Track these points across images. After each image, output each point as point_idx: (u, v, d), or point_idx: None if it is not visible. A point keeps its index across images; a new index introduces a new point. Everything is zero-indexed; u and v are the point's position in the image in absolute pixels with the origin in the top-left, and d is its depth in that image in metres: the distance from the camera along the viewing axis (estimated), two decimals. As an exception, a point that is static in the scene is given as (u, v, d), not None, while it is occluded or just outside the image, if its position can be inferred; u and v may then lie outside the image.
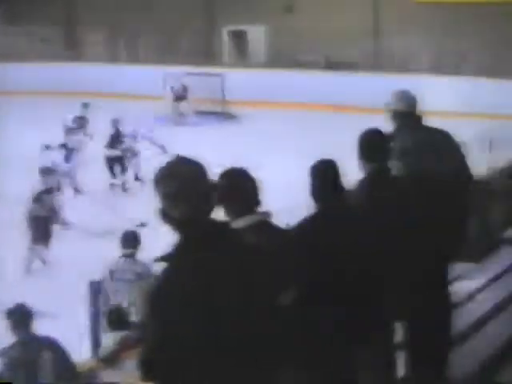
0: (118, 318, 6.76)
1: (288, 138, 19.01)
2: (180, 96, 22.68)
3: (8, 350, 5.72)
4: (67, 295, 6.71)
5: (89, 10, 28.82)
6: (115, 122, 16.50)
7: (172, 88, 22.84)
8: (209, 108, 22.90)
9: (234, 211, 3.33)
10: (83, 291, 7.46)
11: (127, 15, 27.72)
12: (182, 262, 2.56)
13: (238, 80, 23.22)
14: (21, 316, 5.83)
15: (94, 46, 29.07)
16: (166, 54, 26.41)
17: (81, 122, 17.27)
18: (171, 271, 2.57)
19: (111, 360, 6.16)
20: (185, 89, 22.69)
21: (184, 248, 2.58)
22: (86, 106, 18.39)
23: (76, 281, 8.53)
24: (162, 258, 2.60)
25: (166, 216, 2.60)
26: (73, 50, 29.55)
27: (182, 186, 2.58)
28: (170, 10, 27.20)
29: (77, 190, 15.41)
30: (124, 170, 16.19)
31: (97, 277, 7.51)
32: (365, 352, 3.85)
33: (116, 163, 16.11)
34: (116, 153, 16.13)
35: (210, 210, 2.64)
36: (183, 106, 22.64)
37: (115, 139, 16.22)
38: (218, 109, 23.10)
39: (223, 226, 2.75)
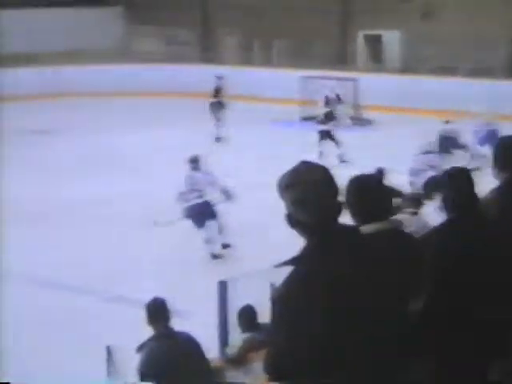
0: (248, 319, 6.82)
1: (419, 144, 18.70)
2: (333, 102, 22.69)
3: (145, 344, 5.80)
4: (198, 293, 6.82)
5: (225, 13, 29.32)
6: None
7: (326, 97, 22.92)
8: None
9: (363, 217, 3.29)
10: (214, 289, 7.55)
11: (262, 18, 28.02)
12: (311, 266, 2.56)
13: (372, 85, 23.06)
14: (159, 310, 5.89)
15: (230, 48, 29.55)
16: (299, 57, 26.52)
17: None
18: (300, 275, 2.57)
19: (238, 361, 6.20)
20: (338, 95, 22.66)
21: (313, 252, 2.58)
22: (219, 77, 20.70)
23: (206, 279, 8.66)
24: (289, 262, 2.61)
25: (294, 221, 2.61)
26: (209, 53, 30.12)
27: (310, 191, 2.58)
28: (305, 13, 27.31)
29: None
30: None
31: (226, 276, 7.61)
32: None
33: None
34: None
35: (338, 214, 2.63)
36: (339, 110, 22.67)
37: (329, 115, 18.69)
38: (351, 114, 22.99)
39: (352, 230, 2.73)
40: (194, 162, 11.92)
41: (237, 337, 6.78)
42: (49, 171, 16.98)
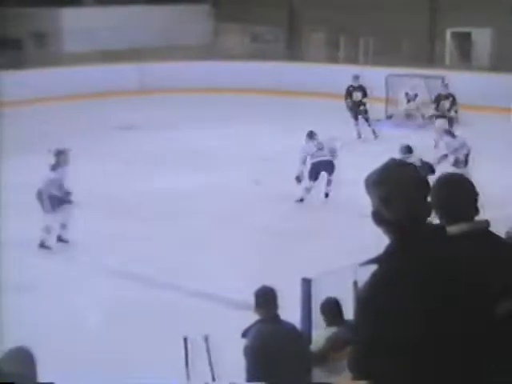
0: (332, 311, 6.82)
1: (507, 144, 18.44)
2: (411, 99, 22.54)
3: (252, 327, 5.96)
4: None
5: (311, 10, 29.29)
6: None
7: (406, 92, 22.76)
8: (430, 111, 22.56)
9: (450, 217, 3.26)
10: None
11: (349, 16, 27.88)
12: (395, 266, 2.55)
13: (461, 83, 22.67)
14: (268, 296, 6.07)
15: (316, 46, 29.50)
16: (386, 55, 26.28)
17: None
18: (384, 274, 2.56)
19: (321, 359, 6.21)
20: (416, 94, 22.52)
21: (398, 251, 2.57)
22: (356, 77, 20.65)
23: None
24: (373, 261, 2.60)
25: (381, 218, 2.60)
26: (294, 50, 30.13)
27: (399, 189, 2.57)
28: (392, 10, 27.06)
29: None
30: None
31: (311, 274, 7.60)
32: None
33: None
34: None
35: (427, 213, 2.62)
36: (413, 109, 22.49)
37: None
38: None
39: (440, 230, 2.71)
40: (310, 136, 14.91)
41: (320, 333, 6.77)
42: (132, 165, 17.20)
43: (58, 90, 25.51)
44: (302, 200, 14.50)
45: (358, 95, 20.49)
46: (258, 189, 14.99)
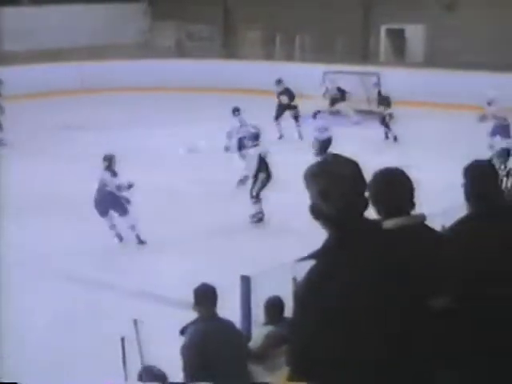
0: (274, 311, 6.83)
1: (444, 139, 18.72)
2: (335, 96, 22.59)
3: (189, 326, 5.92)
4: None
5: (246, 8, 29.33)
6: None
7: (327, 88, 22.82)
8: (365, 107, 22.78)
9: (387, 211, 3.26)
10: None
11: (284, 13, 27.98)
12: (334, 260, 2.54)
13: (395, 79, 22.93)
14: (207, 294, 6.06)
15: (251, 43, 29.54)
16: (322, 52, 26.44)
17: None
18: (322, 268, 2.55)
19: (259, 356, 6.20)
20: (340, 89, 22.59)
21: (336, 246, 2.56)
22: (279, 81, 20.74)
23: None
24: (311, 256, 2.59)
25: (318, 212, 2.59)
26: (229, 48, 30.13)
27: (337, 183, 2.56)
28: (327, 7, 27.24)
29: None
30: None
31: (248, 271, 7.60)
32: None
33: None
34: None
35: (363, 208, 2.61)
36: (340, 106, 22.56)
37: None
38: (374, 108, 22.88)
39: (376, 225, 2.71)
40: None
41: (259, 331, 6.76)
42: (76, 165, 16.99)
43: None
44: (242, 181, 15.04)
45: (284, 98, 20.57)
46: (201, 188, 14.97)
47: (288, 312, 7.24)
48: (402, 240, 2.83)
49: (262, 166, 13.40)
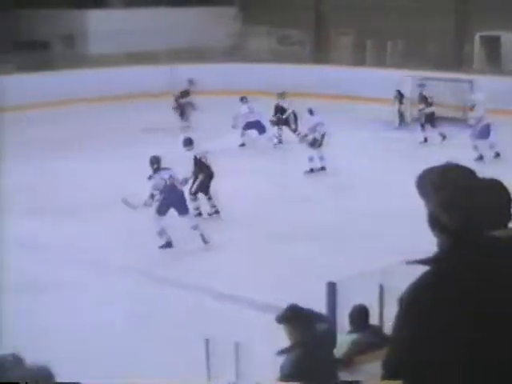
0: (360, 319, 6.73)
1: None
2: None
3: (288, 351, 5.81)
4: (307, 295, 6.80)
5: (338, 14, 29.22)
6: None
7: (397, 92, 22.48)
8: (457, 115, 22.40)
9: (488, 223, 3.14)
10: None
11: (376, 18, 27.77)
12: (447, 269, 2.47)
13: (489, 87, 22.48)
14: (300, 318, 5.90)
15: (343, 48, 29.42)
16: (414, 58, 26.13)
17: None
18: (435, 276, 2.48)
19: (345, 362, 6.12)
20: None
21: (451, 255, 2.48)
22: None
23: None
24: (423, 262, 2.52)
25: (436, 223, 2.52)
26: (321, 53, 30.05)
27: (460, 195, 2.48)
28: (421, 13, 26.91)
29: None
30: None
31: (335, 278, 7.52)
32: None
33: None
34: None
35: (483, 219, 2.53)
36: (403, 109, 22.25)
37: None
38: (465, 116, 22.47)
39: (495, 237, 2.62)
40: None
41: (343, 338, 6.68)
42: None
43: (84, 91, 25.57)
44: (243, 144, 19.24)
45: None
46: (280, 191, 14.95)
47: (373, 320, 7.15)
48: (506, 253, 2.72)
49: None
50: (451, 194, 2.50)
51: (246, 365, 6.72)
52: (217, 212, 14.01)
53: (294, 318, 5.86)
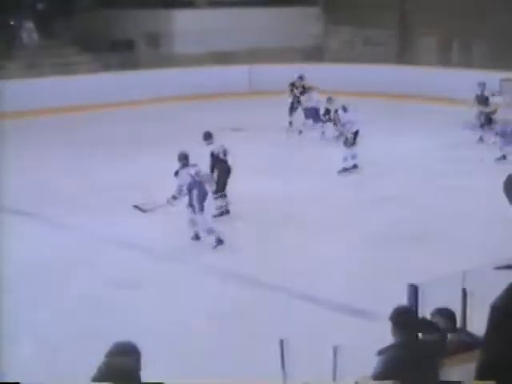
0: (441, 319, 6.58)
1: None
2: (482, 101, 21.64)
3: (387, 350, 5.72)
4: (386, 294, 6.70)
5: (423, 13, 28.82)
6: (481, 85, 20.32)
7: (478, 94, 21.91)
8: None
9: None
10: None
11: (461, 18, 27.30)
12: None
13: None
14: (405, 319, 5.79)
15: (428, 49, 29.03)
16: (502, 59, 25.57)
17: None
18: None
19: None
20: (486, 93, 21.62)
21: None
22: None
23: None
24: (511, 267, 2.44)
25: None
26: (405, 53, 29.70)
27: None
28: (507, 13, 26.34)
29: None
30: None
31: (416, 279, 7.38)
32: None
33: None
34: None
35: None
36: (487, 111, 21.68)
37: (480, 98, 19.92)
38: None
39: None
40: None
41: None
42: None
43: (170, 90, 25.84)
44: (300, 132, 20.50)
45: None
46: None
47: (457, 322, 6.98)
48: None
49: None
50: None
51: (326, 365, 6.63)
52: (227, 211, 13.87)
53: (400, 319, 5.76)
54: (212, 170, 13.66)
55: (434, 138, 20.40)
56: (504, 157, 17.70)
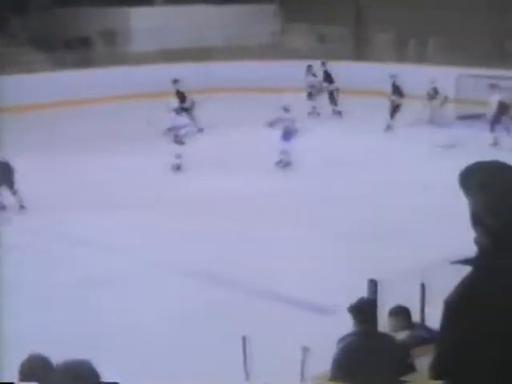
0: (400, 318, 6.65)
1: None
2: (432, 96, 21.90)
3: (345, 338, 5.76)
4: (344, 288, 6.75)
5: (378, 10, 29.02)
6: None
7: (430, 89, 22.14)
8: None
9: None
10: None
11: (417, 14, 27.53)
12: (490, 270, 2.40)
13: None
14: (366, 312, 5.84)
15: (383, 45, 29.22)
16: (456, 55, 25.84)
17: None
18: (478, 278, 2.41)
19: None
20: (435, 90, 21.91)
21: (495, 256, 2.40)
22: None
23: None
24: (465, 262, 2.46)
25: (479, 221, 2.43)
26: (361, 50, 29.86)
27: (504, 197, 2.39)
28: (463, 9, 26.64)
29: None
30: None
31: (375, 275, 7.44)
32: None
33: None
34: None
35: None
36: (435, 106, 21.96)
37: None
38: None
39: None
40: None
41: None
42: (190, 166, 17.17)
43: (125, 88, 25.68)
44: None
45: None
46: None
47: (416, 318, 7.06)
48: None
49: None
50: (497, 195, 2.40)
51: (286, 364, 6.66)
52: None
53: (361, 310, 5.82)
54: None
55: (392, 134, 20.58)
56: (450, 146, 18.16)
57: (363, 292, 7.21)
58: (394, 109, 21.19)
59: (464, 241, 2.64)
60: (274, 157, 17.18)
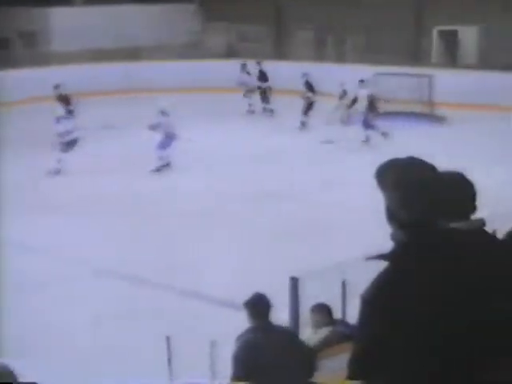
0: (323, 315, 6.76)
1: (496, 142, 18.48)
2: (342, 97, 22.26)
3: (243, 335, 5.82)
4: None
5: (298, 8, 29.25)
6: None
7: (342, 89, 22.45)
8: (415, 109, 22.50)
9: (450, 215, 3.17)
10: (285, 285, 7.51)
11: (336, 13, 27.85)
12: (405, 265, 2.48)
13: (447, 81, 22.70)
14: (261, 306, 5.89)
15: (303, 44, 29.46)
16: (373, 53, 26.25)
17: None
18: (394, 272, 2.48)
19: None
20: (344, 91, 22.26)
21: (409, 250, 2.49)
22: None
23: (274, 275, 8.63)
24: (381, 257, 2.52)
25: (393, 216, 2.53)
26: (281, 49, 30.07)
27: (420, 191, 2.50)
28: (378, 8, 27.04)
29: None
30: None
31: (297, 273, 7.55)
32: None
33: None
34: None
35: (438, 212, 2.55)
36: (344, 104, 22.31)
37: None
38: (426, 111, 22.63)
39: (449, 229, 2.65)
40: None
41: (310, 334, 6.72)
42: (122, 165, 17.12)
43: (47, 89, 25.29)
44: None
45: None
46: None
47: (337, 314, 7.21)
48: (466, 245, 2.74)
49: None
50: (410, 191, 2.50)
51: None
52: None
53: (256, 304, 5.89)
54: None
55: (311, 131, 20.80)
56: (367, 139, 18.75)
57: (285, 289, 7.36)
58: (308, 106, 21.48)
59: (384, 237, 2.73)
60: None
